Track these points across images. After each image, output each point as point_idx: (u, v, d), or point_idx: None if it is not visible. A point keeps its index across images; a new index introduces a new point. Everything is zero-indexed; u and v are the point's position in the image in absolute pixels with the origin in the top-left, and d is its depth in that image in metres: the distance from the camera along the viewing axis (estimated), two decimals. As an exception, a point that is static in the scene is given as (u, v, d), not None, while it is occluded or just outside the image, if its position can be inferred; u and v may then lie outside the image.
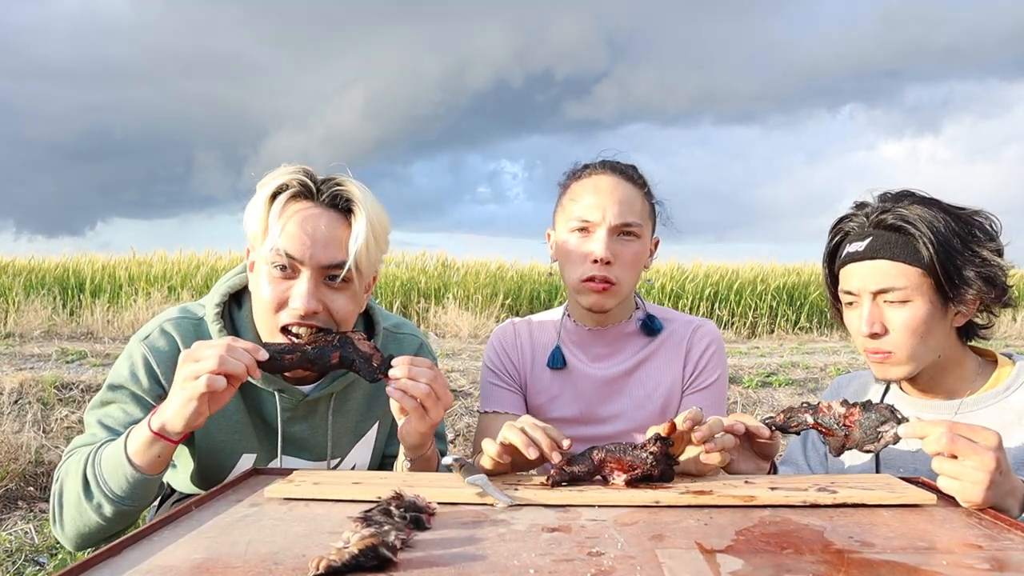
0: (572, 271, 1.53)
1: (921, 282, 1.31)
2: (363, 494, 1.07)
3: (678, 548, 0.86)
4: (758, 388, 6.22)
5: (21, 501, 3.77)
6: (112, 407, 1.31)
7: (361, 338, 1.26)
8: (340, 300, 1.28)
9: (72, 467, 1.22)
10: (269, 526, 0.94)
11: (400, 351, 1.46)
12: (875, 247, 1.33)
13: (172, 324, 1.35)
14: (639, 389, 1.61)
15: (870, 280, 1.33)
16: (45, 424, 4.69)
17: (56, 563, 2.96)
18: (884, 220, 1.34)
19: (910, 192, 1.38)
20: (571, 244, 1.53)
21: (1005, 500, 1.04)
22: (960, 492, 1.03)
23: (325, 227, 1.25)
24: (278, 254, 1.23)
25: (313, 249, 1.23)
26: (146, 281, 10.95)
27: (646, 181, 1.59)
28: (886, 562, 0.82)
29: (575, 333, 1.66)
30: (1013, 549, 0.86)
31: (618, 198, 1.51)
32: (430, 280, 11.50)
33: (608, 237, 1.49)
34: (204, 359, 1.10)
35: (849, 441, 1.18)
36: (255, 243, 1.29)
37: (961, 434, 1.03)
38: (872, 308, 1.34)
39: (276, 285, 1.26)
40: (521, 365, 1.67)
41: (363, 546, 0.78)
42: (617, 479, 1.13)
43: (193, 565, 0.80)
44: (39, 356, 6.68)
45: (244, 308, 1.40)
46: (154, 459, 1.15)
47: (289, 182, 1.26)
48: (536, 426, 1.17)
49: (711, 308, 11.53)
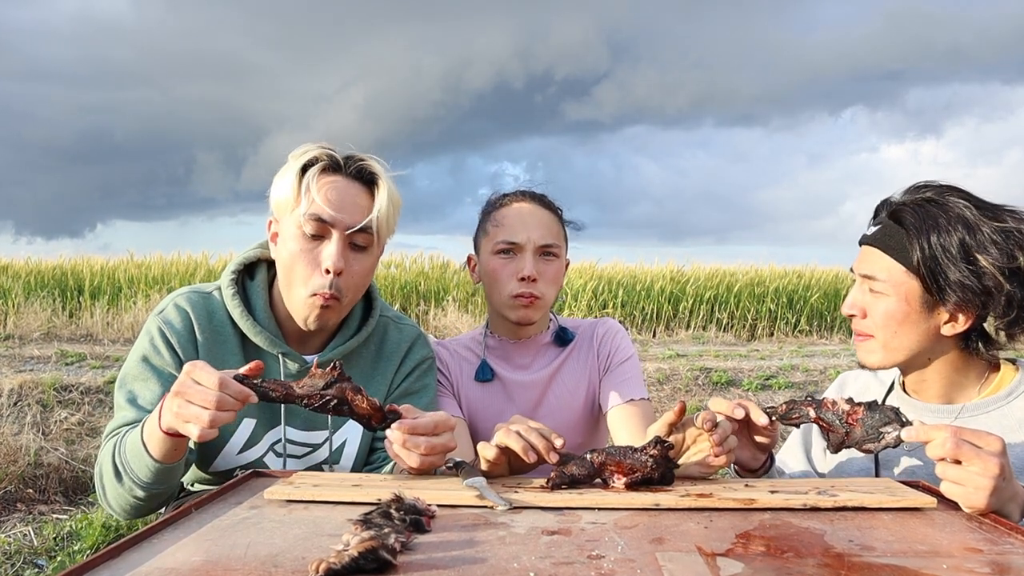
0: (501, 289, 1.66)
1: (904, 280, 1.31)
2: (363, 496, 1.07)
3: (678, 551, 0.86)
4: (757, 391, 6.23)
5: (20, 503, 3.76)
6: (137, 385, 1.40)
7: (359, 402, 1.19)
8: (359, 264, 1.41)
9: (106, 454, 1.32)
10: (269, 528, 0.94)
11: (400, 340, 1.58)
12: (877, 235, 1.36)
13: (184, 298, 1.46)
14: (562, 388, 1.75)
15: (862, 264, 1.37)
16: (44, 426, 4.69)
17: (55, 565, 2.95)
18: (895, 211, 1.35)
19: (939, 186, 1.34)
20: (498, 264, 1.67)
21: (1007, 506, 1.04)
22: (963, 497, 1.03)
23: (353, 195, 1.39)
24: (310, 219, 1.35)
25: (342, 214, 1.37)
26: (145, 283, 10.96)
27: (559, 207, 1.75)
28: (886, 566, 0.82)
29: (498, 348, 1.79)
30: (1014, 553, 0.86)
31: (539, 222, 1.67)
32: (430, 282, 11.50)
33: (532, 257, 1.64)
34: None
35: (849, 439, 1.17)
36: (283, 212, 1.40)
37: (965, 439, 1.03)
38: (857, 291, 1.38)
39: (308, 251, 1.37)
40: (452, 378, 1.76)
41: (363, 549, 0.78)
42: (617, 482, 1.13)
43: (193, 567, 0.80)
44: (38, 358, 6.68)
45: (256, 279, 1.50)
46: (170, 451, 1.21)
47: (319, 155, 1.39)
48: (530, 429, 1.17)
49: (711, 311, 11.53)
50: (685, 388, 6.29)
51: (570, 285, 11.38)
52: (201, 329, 1.43)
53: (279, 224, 1.42)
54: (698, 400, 6.04)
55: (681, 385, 6.34)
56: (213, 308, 1.46)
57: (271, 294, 1.50)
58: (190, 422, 1.10)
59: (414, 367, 1.59)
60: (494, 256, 1.67)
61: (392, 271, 12.09)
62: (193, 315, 1.43)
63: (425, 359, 1.62)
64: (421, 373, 1.60)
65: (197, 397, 1.09)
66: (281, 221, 1.42)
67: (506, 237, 1.65)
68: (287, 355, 1.46)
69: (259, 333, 1.44)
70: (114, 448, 1.30)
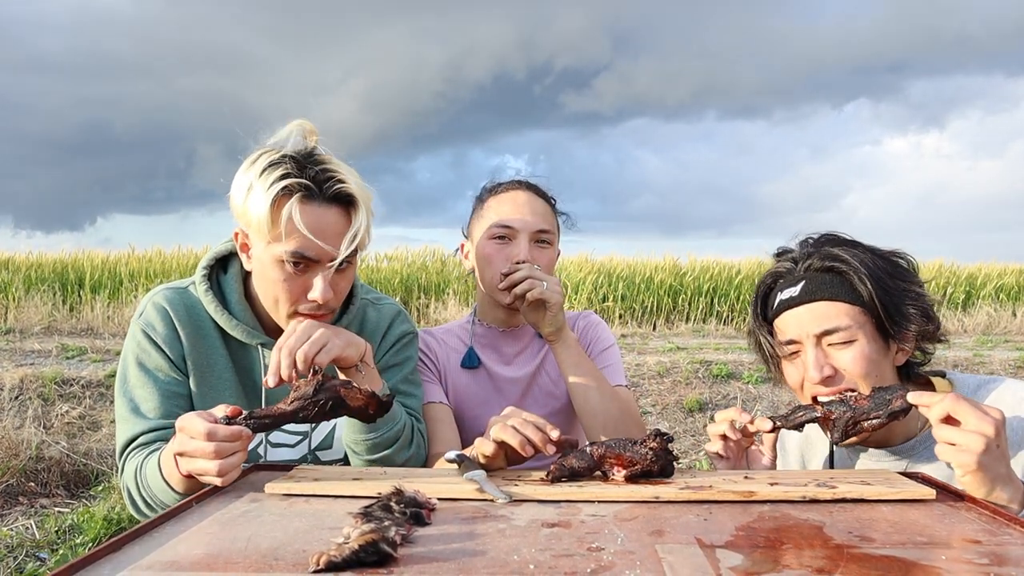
0: (495, 273, 1.65)
1: (863, 320, 1.27)
2: (363, 490, 1.07)
3: (678, 543, 0.86)
4: (758, 384, 6.23)
5: (22, 497, 3.78)
6: (137, 391, 1.40)
7: (350, 393, 1.20)
8: (344, 280, 1.40)
9: (129, 479, 1.34)
10: (270, 522, 0.94)
11: (379, 318, 1.59)
12: (811, 289, 1.29)
13: (160, 296, 1.45)
14: (546, 379, 1.78)
15: (811, 323, 1.28)
16: (46, 420, 4.70)
17: (57, 559, 2.96)
18: (813, 263, 1.31)
19: (832, 234, 1.36)
20: (492, 249, 1.67)
21: (999, 487, 1.04)
22: (954, 456, 1.04)
23: (334, 223, 1.34)
24: (295, 257, 1.31)
25: (328, 246, 1.32)
26: (146, 277, 10.96)
27: (552, 198, 1.76)
28: (885, 557, 0.82)
29: (486, 336, 1.80)
30: (1012, 544, 0.87)
31: (534, 209, 1.69)
32: (431, 276, 11.50)
33: (527, 243, 1.65)
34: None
35: (857, 413, 1.18)
36: (256, 233, 1.34)
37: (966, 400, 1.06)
38: (817, 352, 1.28)
39: (292, 280, 1.34)
40: (438, 365, 1.76)
41: (363, 541, 0.78)
42: (617, 475, 1.13)
43: (194, 561, 0.80)
44: (39, 352, 6.69)
45: (230, 272, 1.49)
46: (194, 485, 1.18)
47: (293, 185, 1.30)
48: (525, 422, 1.18)
49: (710, 303, 11.53)
50: (685, 381, 6.29)
51: (570, 278, 11.39)
52: (182, 324, 1.43)
53: (250, 240, 1.37)
54: (698, 393, 6.04)
55: (681, 378, 6.34)
56: (191, 303, 1.45)
57: (247, 286, 1.48)
58: (204, 475, 1.11)
59: (394, 342, 1.60)
60: (489, 241, 1.67)
61: (393, 264, 12.09)
62: (172, 312, 1.43)
63: (405, 334, 1.62)
64: (401, 347, 1.61)
65: (198, 453, 1.10)
66: (254, 241, 1.36)
67: (501, 221, 1.66)
68: (266, 345, 1.46)
69: (236, 327, 1.44)
70: (137, 481, 1.31)
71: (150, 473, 1.27)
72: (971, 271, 13.47)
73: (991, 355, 7.54)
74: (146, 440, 1.36)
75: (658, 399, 5.95)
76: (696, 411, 5.77)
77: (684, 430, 5.40)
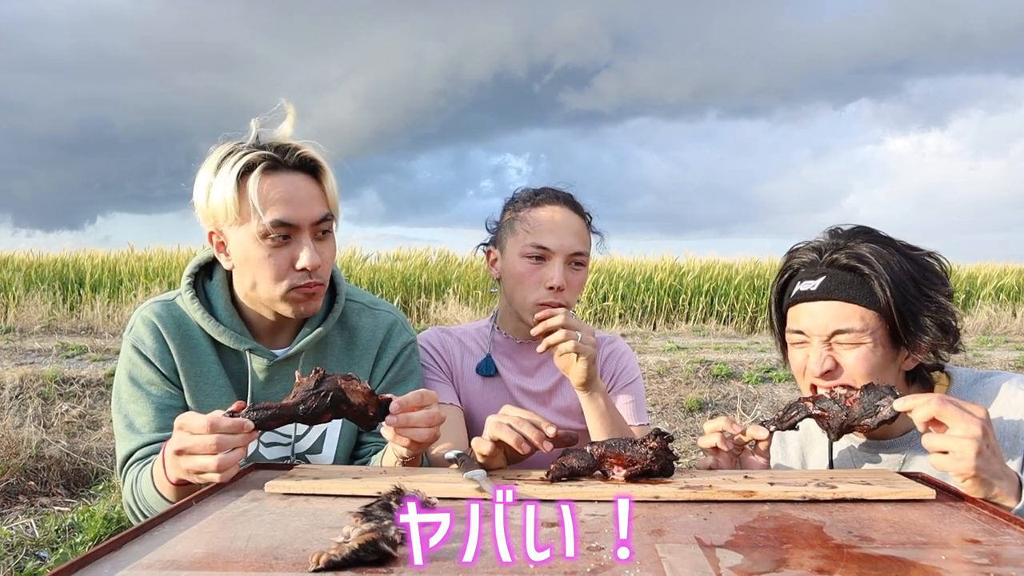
0: (526, 293, 1.61)
1: (876, 325, 1.26)
2: (363, 489, 1.07)
3: (678, 543, 0.86)
4: (758, 383, 6.23)
5: (22, 495, 3.78)
6: (131, 407, 1.41)
7: (354, 388, 1.19)
8: (328, 249, 1.42)
9: (127, 495, 1.36)
10: (269, 521, 0.94)
11: (375, 327, 1.56)
12: (829, 287, 1.28)
13: (148, 311, 1.46)
14: (561, 400, 1.73)
15: (823, 321, 1.28)
16: (46, 419, 4.70)
17: (57, 557, 2.96)
18: (838, 259, 1.29)
19: (865, 229, 1.34)
20: (526, 268, 1.61)
21: (997, 483, 1.05)
22: (951, 463, 1.04)
23: (304, 188, 1.36)
24: (275, 226, 1.32)
25: (303, 211, 1.34)
26: (146, 276, 10.95)
27: (588, 213, 1.72)
28: (885, 557, 0.82)
29: (505, 345, 1.76)
30: (1011, 544, 0.87)
31: (572, 230, 1.63)
32: (431, 275, 11.49)
33: (562, 266, 1.60)
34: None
35: (849, 418, 1.19)
36: (225, 222, 1.35)
37: (950, 401, 1.06)
38: (822, 348, 1.29)
39: (276, 255, 1.35)
40: (453, 367, 1.74)
41: (363, 540, 0.78)
42: (617, 474, 1.13)
43: (194, 560, 0.80)
44: (39, 351, 6.68)
45: (215, 278, 1.48)
46: (182, 494, 1.19)
47: (254, 158, 1.32)
48: (522, 420, 1.18)
49: (710, 303, 11.53)
50: (685, 381, 6.29)
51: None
52: (171, 337, 1.42)
53: (224, 235, 1.38)
54: (698, 393, 6.04)
55: (681, 378, 6.34)
56: (179, 314, 1.45)
57: (232, 291, 1.48)
58: (203, 473, 1.10)
59: (397, 355, 1.57)
60: (522, 259, 1.61)
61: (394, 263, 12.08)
62: (161, 326, 1.43)
63: (406, 345, 1.60)
64: (405, 359, 1.59)
65: (198, 448, 1.09)
66: (226, 231, 1.37)
67: (538, 241, 1.60)
68: (255, 351, 1.45)
69: (223, 332, 1.43)
70: (133, 495, 1.33)
71: (144, 485, 1.28)
72: (971, 271, 13.47)
73: (991, 355, 7.54)
74: (142, 455, 1.36)
75: (658, 399, 5.95)
76: (696, 411, 5.77)
77: (684, 430, 5.40)
